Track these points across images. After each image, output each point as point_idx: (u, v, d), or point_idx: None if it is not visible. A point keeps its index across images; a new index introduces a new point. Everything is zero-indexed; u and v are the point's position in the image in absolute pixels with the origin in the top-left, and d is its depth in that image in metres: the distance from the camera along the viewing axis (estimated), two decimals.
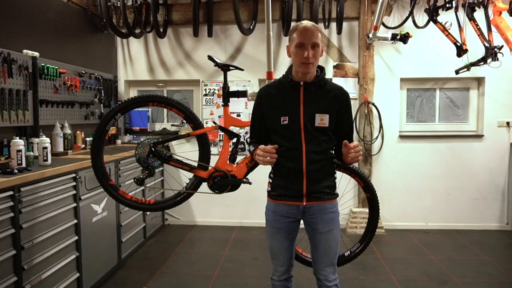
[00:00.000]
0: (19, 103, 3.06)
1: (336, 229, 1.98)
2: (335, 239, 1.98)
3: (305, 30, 1.84)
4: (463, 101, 4.86)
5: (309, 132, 1.89)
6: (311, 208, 1.94)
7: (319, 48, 1.87)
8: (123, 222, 3.61)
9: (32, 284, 2.36)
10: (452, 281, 3.32)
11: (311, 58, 1.84)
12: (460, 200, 4.71)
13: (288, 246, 2.04)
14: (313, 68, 1.89)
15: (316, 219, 1.95)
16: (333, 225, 1.97)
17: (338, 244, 2.01)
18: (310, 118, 1.89)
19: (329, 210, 1.96)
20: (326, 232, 1.95)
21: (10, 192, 2.21)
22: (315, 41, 1.84)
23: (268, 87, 2.04)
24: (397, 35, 4.24)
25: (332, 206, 1.97)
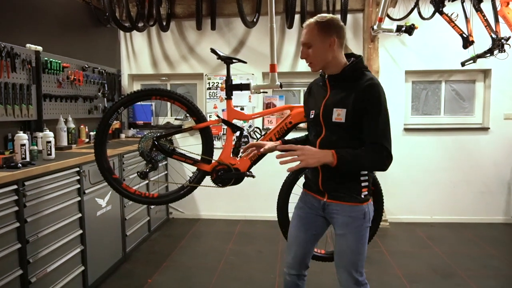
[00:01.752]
0: (22, 97, 3.06)
1: (351, 236, 1.82)
2: (349, 245, 1.83)
3: (304, 29, 1.81)
4: (469, 94, 4.81)
5: (328, 128, 1.81)
6: (330, 206, 1.88)
7: (314, 46, 1.77)
8: (127, 216, 3.62)
9: (37, 277, 2.38)
10: (458, 275, 3.31)
11: (307, 58, 1.81)
12: (465, 193, 4.68)
13: (303, 240, 1.97)
14: (317, 67, 1.82)
15: (333, 219, 1.88)
16: (347, 230, 1.82)
17: (355, 253, 1.82)
18: (328, 112, 1.79)
19: (347, 213, 1.82)
20: (339, 235, 1.86)
21: (14, 186, 2.21)
22: (305, 41, 1.79)
23: (312, 83, 2.02)
24: (402, 26, 4.18)
25: (351, 210, 1.81)
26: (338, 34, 1.78)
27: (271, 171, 3.76)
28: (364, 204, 1.83)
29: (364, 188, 1.83)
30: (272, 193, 2.58)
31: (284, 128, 2.26)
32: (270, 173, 3.66)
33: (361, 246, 1.84)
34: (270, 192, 2.78)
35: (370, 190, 1.87)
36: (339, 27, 1.79)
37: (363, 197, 1.83)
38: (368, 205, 1.85)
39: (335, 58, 1.80)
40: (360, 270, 1.85)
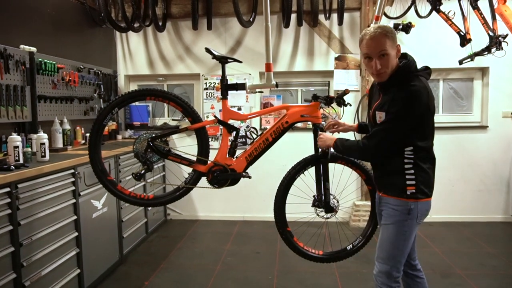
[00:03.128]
0: (16, 99, 3.03)
1: (392, 228, 1.93)
2: (389, 237, 1.95)
3: (371, 41, 1.83)
4: (467, 92, 4.80)
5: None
6: (382, 200, 2.01)
7: (389, 54, 1.83)
8: (124, 218, 3.59)
9: (32, 280, 2.35)
10: (456, 274, 3.29)
11: (380, 68, 1.84)
12: (464, 191, 4.66)
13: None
14: (388, 76, 1.87)
15: (383, 211, 2.00)
16: (390, 221, 1.94)
17: (392, 245, 1.94)
18: (374, 115, 1.94)
19: (391, 206, 1.94)
20: (383, 225, 1.99)
21: (7, 189, 2.19)
22: (382, 49, 1.82)
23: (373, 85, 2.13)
24: (399, 25, 4.16)
25: (396, 204, 1.92)
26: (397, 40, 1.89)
27: (268, 171, 3.76)
28: (410, 200, 1.89)
29: (410, 186, 1.89)
30: (269, 193, 2.56)
31: (280, 128, 2.24)
32: (268, 174, 3.65)
33: (401, 241, 1.93)
34: (267, 193, 2.76)
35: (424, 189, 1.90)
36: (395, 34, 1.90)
37: (408, 193, 1.89)
38: (417, 203, 1.89)
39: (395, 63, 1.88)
40: (397, 266, 1.95)
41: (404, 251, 1.95)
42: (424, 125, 1.87)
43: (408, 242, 1.95)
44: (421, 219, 1.94)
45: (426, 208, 1.95)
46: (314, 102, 2.23)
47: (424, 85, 1.83)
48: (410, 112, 1.79)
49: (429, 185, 1.93)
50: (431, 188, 1.95)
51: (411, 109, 1.79)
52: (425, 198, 1.92)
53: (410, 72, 1.86)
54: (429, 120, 1.87)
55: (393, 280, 1.95)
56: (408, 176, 1.90)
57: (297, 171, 2.30)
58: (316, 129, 2.24)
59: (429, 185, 1.93)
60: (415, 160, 1.88)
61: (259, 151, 2.26)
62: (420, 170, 1.90)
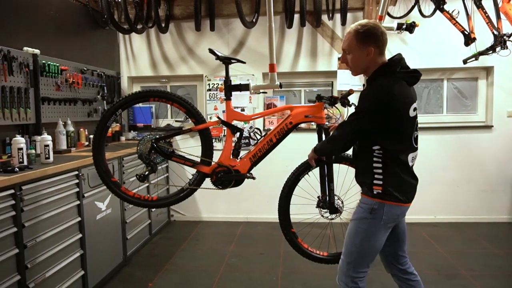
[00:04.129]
0: (20, 101, 3.03)
1: (354, 223, 1.93)
2: (349, 231, 1.95)
3: (345, 36, 1.93)
4: (471, 92, 4.77)
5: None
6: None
7: (351, 54, 1.90)
8: (128, 219, 3.59)
9: (36, 282, 2.35)
10: (461, 275, 3.26)
11: (346, 63, 1.95)
12: (468, 192, 4.63)
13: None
14: (355, 73, 1.96)
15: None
16: (354, 217, 1.95)
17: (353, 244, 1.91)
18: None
19: (360, 203, 1.95)
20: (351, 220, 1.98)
21: (11, 191, 2.19)
22: (343, 48, 1.94)
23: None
24: (403, 24, 4.14)
25: (363, 201, 1.93)
26: (376, 43, 1.84)
27: (272, 172, 3.74)
28: (375, 199, 1.86)
29: (376, 185, 1.86)
30: (273, 194, 2.55)
31: (284, 129, 2.23)
32: (271, 175, 3.63)
33: (358, 238, 1.89)
34: (271, 194, 2.75)
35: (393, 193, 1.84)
36: (377, 36, 1.83)
37: (375, 193, 1.86)
38: (382, 204, 1.84)
39: (375, 64, 1.87)
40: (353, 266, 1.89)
41: (365, 250, 1.88)
42: (390, 127, 1.80)
43: (368, 243, 1.88)
44: (388, 222, 1.86)
45: (397, 213, 1.88)
46: (318, 103, 2.21)
47: (390, 84, 1.77)
48: (366, 107, 1.81)
49: (402, 191, 1.85)
50: (406, 194, 1.87)
51: (367, 103, 1.81)
52: (395, 202, 1.84)
53: (385, 72, 1.84)
54: (396, 123, 1.80)
55: (350, 280, 1.89)
56: (376, 175, 1.87)
57: (301, 172, 2.29)
58: (320, 129, 2.23)
59: (402, 190, 1.85)
60: (384, 161, 1.84)
61: (263, 152, 2.25)
62: (390, 173, 1.84)
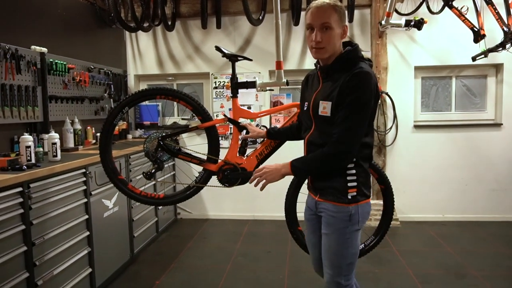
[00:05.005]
0: (28, 99, 3.05)
1: (333, 237, 1.75)
2: (331, 247, 1.76)
3: (316, 10, 1.64)
4: (481, 89, 4.71)
5: (316, 122, 1.75)
6: (320, 205, 1.82)
7: (333, 30, 1.63)
8: (135, 217, 3.60)
9: (44, 280, 2.36)
10: (470, 275, 3.23)
11: (320, 42, 1.64)
12: (477, 191, 4.58)
13: (315, 242, 1.92)
14: (327, 53, 1.67)
15: (322, 217, 1.82)
16: (330, 230, 1.76)
17: (337, 256, 1.76)
18: (315, 105, 1.72)
19: (331, 213, 1.75)
20: (324, 234, 1.80)
21: (19, 189, 2.20)
22: (325, 21, 1.62)
23: (308, 74, 1.93)
24: (411, 21, 4.10)
25: (336, 210, 1.73)
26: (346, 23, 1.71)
27: None
28: (351, 205, 1.71)
29: (351, 188, 1.72)
30: (280, 192, 2.54)
31: None
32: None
33: (344, 249, 1.75)
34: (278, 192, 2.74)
35: (364, 191, 1.76)
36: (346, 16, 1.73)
37: (350, 197, 1.72)
38: (357, 207, 1.72)
39: (340, 46, 1.72)
40: (344, 274, 1.77)
41: (351, 257, 1.77)
42: (372, 117, 1.71)
43: (353, 249, 1.76)
44: (363, 223, 1.76)
45: (367, 210, 1.79)
46: None
47: (371, 70, 1.66)
48: (370, 96, 1.62)
49: (368, 185, 1.78)
50: (370, 188, 1.80)
51: (370, 92, 1.61)
52: (365, 199, 1.76)
53: (358, 57, 1.70)
54: (374, 110, 1.71)
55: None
56: (350, 177, 1.72)
57: None
58: None
59: (368, 185, 1.78)
60: (357, 159, 1.72)
61: (270, 150, 2.24)
62: (361, 170, 1.74)
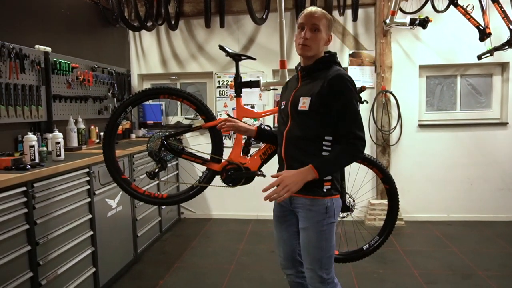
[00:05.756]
0: (32, 98, 3.05)
1: (312, 231, 1.79)
2: (311, 241, 1.80)
3: (309, 13, 1.80)
4: (486, 88, 4.67)
5: (293, 117, 1.83)
6: (295, 200, 1.85)
7: (320, 32, 1.79)
8: (138, 217, 3.60)
9: (48, 279, 2.36)
10: (476, 275, 3.20)
11: (307, 40, 1.77)
12: (483, 190, 4.55)
13: (286, 239, 1.96)
14: (311, 52, 1.80)
15: (298, 213, 1.86)
16: (308, 224, 1.80)
17: (317, 249, 1.79)
18: (295, 101, 1.82)
19: (308, 206, 1.80)
20: (302, 229, 1.84)
21: (23, 188, 2.20)
22: (315, 22, 1.78)
23: (290, 78, 2.05)
24: (416, 20, 4.07)
25: (312, 203, 1.78)
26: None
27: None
28: (327, 198, 1.79)
29: (327, 182, 1.79)
30: None
31: None
32: None
33: (324, 242, 1.79)
34: None
35: (336, 185, 1.83)
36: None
37: (325, 191, 1.79)
38: (332, 200, 1.80)
39: (321, 52, 1.86)
40: (325, 268, 1.81)
41: (330, 250, 1.82)
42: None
43: (331, 241, 1.82)
44: (337, 216, 1.84)
45: (339, 204, 1.86)
46: None
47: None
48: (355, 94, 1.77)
49: (338, 181, 1.87)
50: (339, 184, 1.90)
51: (355, 90, 1.78)
52: (337, 194, 1.83)
53: (335, 61, 1.86)
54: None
55: (326, 282, 1.82)
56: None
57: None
58: None
59: (338, 180, 1.87)
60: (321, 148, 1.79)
61: (273, 150, 2.22)
62: None
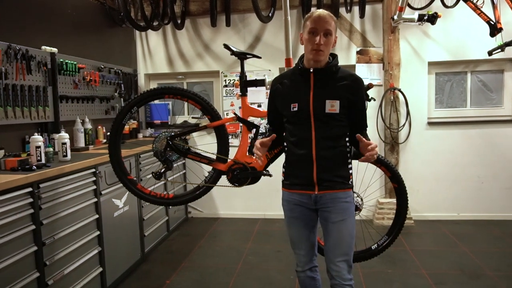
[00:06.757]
0: (39, 99, 3.06)
1: (350, 220, 1.89)
2: (349, 230, 1.89)
3: (319, 17, 1.83)
4: (497, 84, 4.59)
5: (319, 119, 1.86)
6: (323, 197, 1.88)
7: (332, 36, 1.85)
8: (145, 216, 3.60)
9: (55, 279, 2.37)
10: (486, 275, 3.14)
11: (322, 45, 1.81)
12: (493, 189, 4.47)
13: (308, 235, 1.99)
14: (324, 56, 1.86)
15: (328, 208, 1.89)
16: (346, 215, 1.88)
17: (353, 238, 1.90)
18: (320, 104, 1.85)
19: (342, 199, 1.88)
20: (338, 222, 1.87)
21: (29, 189, 2.20)
22: (328, 28, 1.82)
23: (282, 77, 2.03)
24: (424, 15, 4.01)
25: (345, 196, 1.89)
26: None
27: None
28: (351, 190, 1.94)
29: (351, 174, 1.95)
30: None
31: None
32: None
33: (354, 230, 1.92)
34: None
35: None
36: None
37: (351, 183, 1.94)
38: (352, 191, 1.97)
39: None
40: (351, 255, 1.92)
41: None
42: None
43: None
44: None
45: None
46: None
47: None
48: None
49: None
50: None
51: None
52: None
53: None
54: None
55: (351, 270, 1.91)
56: (349, 165, 1.95)
57: None
58: None
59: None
60: (349, 146, 1.94)
61: (280, 149, 2.20)
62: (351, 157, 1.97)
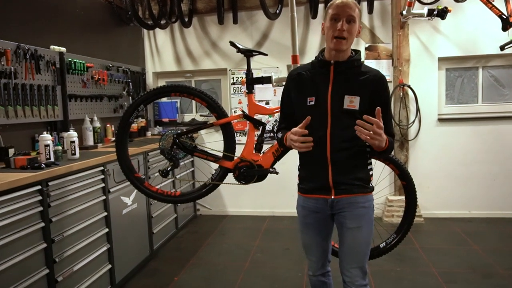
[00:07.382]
0: (48, 98, 3.10)
1: (366, 228, 1.78)
2: (364, 238, 1.78)
3: (342, 3, 1.71)
4: (510, 80, 4.49)
5: (336, 115, 1.73)
6: (340, 202, 1.78)
7: (356, 24, 1.72)
8: (154, 214, 3.62)
9: (64, 276, 2.40)
10: (499, 274, 3.09)
11: (344, 32, 1.68)
12: (506, 186, 4.39)
13: (320, 242, 1.92)
14: (346, 45, 1.72)
15: (344, 213, 1.78)
16: (363, 222, 1.77)
17: (368, 246, 1.81)
18: (338, 99, 1.73)
19: (360, 204, 1.77)
20: (354, 228, 1.77)
21: (38, 187, 2.23)
22: (351, 13, 1.69)
23: (298, 69, 1.90)
24: (434, 10, 3.94)
25: (364, 201, 1.78)
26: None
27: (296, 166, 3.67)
28: (372, 193, 1.83)
29: (371, 176, 1.84)
30: None
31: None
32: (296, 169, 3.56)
33: (371, 237, 1.83)
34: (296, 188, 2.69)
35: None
36: None
37: (371, 186, 1.83)
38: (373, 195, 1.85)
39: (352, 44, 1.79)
40: (367, 261, 1.84)
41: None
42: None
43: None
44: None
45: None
46: None
47: None
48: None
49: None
50: None
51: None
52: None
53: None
54: None
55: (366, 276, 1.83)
56: (369, 166, 1.85)
57: None
58: None
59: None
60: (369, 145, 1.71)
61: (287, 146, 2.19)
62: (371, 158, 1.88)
